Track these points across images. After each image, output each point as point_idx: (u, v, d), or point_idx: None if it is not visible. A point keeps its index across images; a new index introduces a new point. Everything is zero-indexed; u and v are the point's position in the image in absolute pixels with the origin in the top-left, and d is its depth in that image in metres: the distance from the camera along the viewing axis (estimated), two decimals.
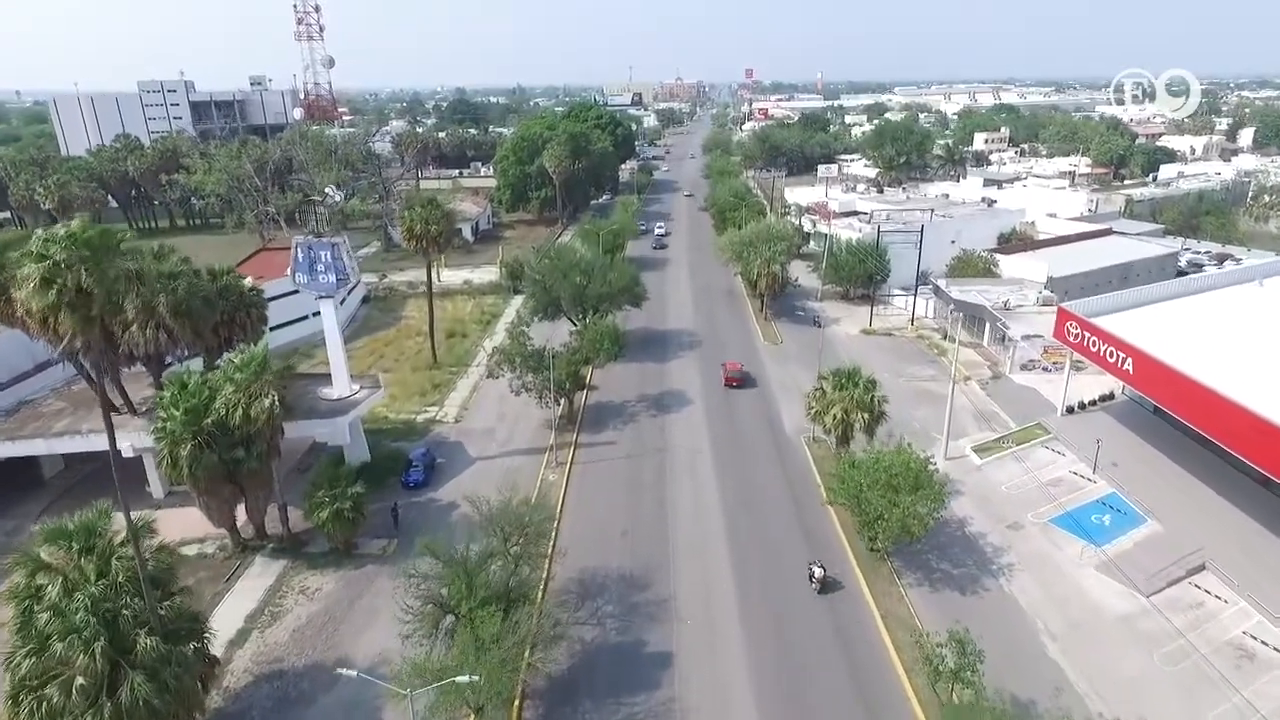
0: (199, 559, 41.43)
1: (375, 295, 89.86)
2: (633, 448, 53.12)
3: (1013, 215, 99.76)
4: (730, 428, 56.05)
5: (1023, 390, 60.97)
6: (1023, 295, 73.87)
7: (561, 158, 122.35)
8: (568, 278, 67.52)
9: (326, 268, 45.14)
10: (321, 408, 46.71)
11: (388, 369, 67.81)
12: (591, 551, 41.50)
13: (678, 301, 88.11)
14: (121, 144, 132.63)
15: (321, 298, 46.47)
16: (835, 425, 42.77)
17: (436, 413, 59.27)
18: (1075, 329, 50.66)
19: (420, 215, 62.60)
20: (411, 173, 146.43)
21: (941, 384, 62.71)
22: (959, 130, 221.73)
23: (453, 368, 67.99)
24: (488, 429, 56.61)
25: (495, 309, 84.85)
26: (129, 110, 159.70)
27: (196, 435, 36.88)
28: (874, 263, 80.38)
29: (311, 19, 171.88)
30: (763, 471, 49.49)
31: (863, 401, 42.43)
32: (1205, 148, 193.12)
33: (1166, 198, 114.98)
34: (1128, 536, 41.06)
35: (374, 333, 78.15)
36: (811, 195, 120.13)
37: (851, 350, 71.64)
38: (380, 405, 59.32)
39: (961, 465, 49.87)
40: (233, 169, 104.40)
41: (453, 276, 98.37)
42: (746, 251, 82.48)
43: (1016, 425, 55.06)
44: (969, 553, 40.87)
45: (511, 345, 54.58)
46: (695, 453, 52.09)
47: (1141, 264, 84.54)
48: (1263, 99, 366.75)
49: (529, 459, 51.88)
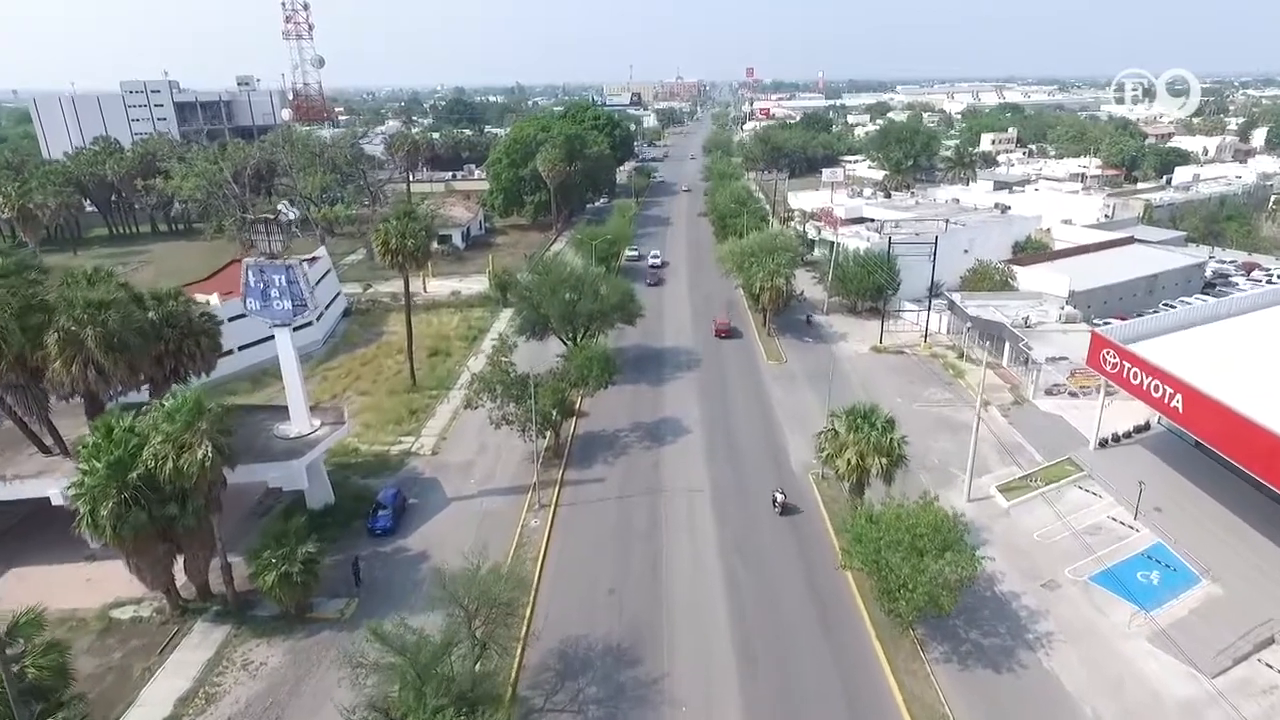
0: (133, 624, 36.74)
1: (357, 308, 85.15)
2: (624, 486, 48.37)
3: (1028, 222, 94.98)
4: (731, 463, 51.27)
5: (1048, 418, 56.20)
6: (1043, 311, 69.13)
7: (556, 161, 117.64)
8: (556, 294, 62.83)
9: (281, 293, 40.41)
10: (276, 448, 41.97)
11: (364, 392, 63.28)
12: (575, 614, 36.81)
13: (675, 315, 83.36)
14: (100, 147, 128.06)
15: (276, 326, 41.63)
16: (849, 472, 38.00)
17: (412, 444, 54.53)
18: (1112, 358, 45.88)
19: (396, 228, 57.88)
20: (401, 175, 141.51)
21: (959, 410, 58.22)
22: (965, 131, 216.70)
23: (433, 390, 63.25)
24: (467, 463, 51.87)
25: (482, 323, 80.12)
26: (111, 111, 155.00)
27: (121, 490, 32.19)
28: (884, 275, 75.62)
29: (300, 17, 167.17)
30: (767, 518, 44.68)
31: (881, 445, 37.67)
32: (1218, 149, 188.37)
33: (1187, 203, 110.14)
34: (1181, 600, 36.34)
35: (353, 350, 73.43)
36: (815, 200, 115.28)
37: (860, 370, 66.99)
38: (351, 436, 54.76)
39: (987, 509, 45.13)
40: (210, 174, 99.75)
41: (440, 287, 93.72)
42: (748, 262, 77.75)
43: (1044, 459, 50.34)
44: (1001, 618, 36.14)
45: (491, 372, 49.84)
46: (693, 494, 47.31)
47: (1168, 275, 79.85)
48: (1270, 98, 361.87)
49: (510, 500, 47.14)
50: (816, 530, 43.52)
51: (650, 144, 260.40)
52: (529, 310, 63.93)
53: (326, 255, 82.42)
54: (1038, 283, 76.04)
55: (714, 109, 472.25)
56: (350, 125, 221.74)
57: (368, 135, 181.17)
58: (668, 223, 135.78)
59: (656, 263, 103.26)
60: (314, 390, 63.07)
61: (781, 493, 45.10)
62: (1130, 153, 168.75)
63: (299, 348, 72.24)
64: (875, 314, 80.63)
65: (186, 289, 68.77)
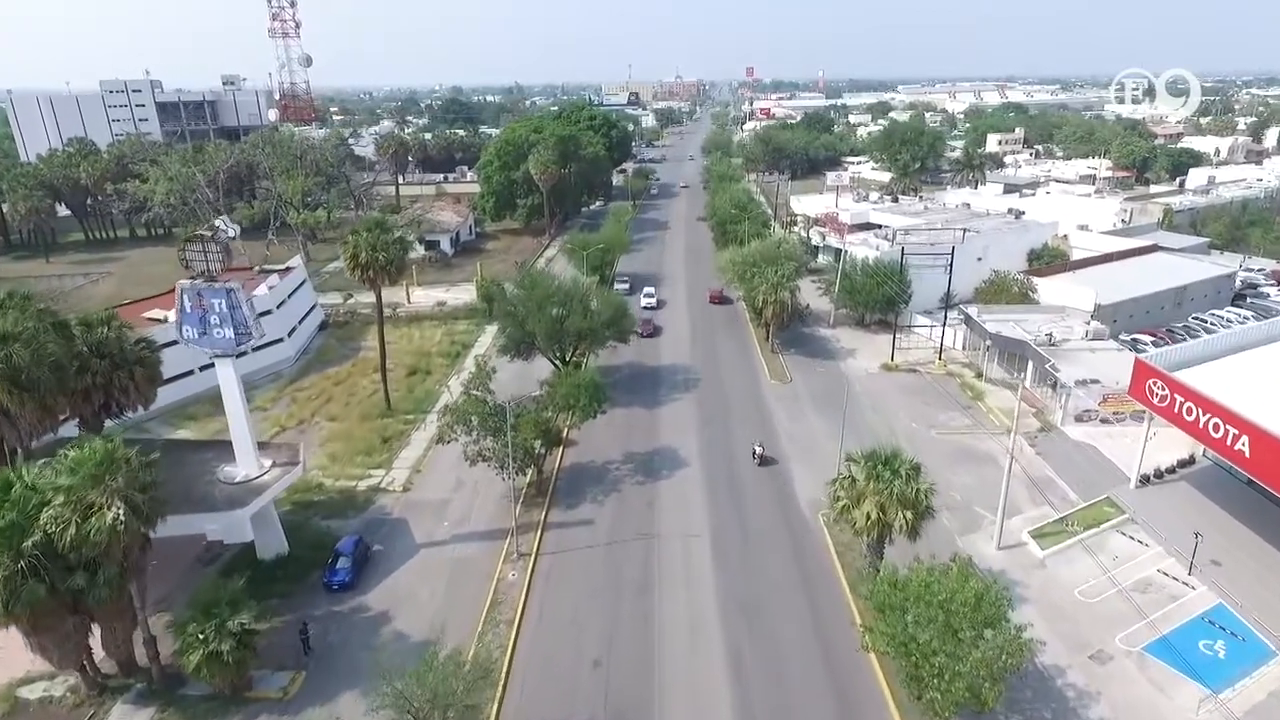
0: (42, 705, 31.85)
1: (336, 321, 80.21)
2: (614, 530, 43.47)
3: (1043, 229, 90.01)
4: (732, 501, 46.37)
5: (1080, 448, 51.32)
6: (1067, 327, 64.27)
7: (548, 163, 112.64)
8: (543, 309, 57.95)
9: (222, 320, 35.48)
10: (217, 495, 37.05)
11: (334, 416, 58.32)
12: (553, 693, 31.94)
13: (673, 329, 78.40)
14: (75, 148, 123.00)
15: (217, 357, 36.71)
16: (869, 527, 33.07)
17: (382, 478, 49.59)
18: (1161, 389, 41.01)
19: (367, 240, 52.97)
20: (391, 177, 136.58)
21: (981, 438, 53.43)
22: (971, 132, 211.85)
23: (409, 415, 58.36)
24: (441, 501, 46.95)
25: (467, 337, 75.15)
26: (91, 111, 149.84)
27: (17, 560, 27.29)
28: (895, 286, 70.69)
29: (286, 14, 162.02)
30: (774, 570, 39.81)
31: (905, 496, 32.76)
32: (1230, 149, 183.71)
33: (1208, 207, 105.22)
34: (1253, 677, 31.48)
35: (327, 367, 68.41)
36: (820, 204, 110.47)
37: (871, 391, 62.10)
38: (316, 469, 49.94)
39: (1020, 558, 40.28)
40: (184, 177, 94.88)
41: (424, 298, 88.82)
42: (749, 273, 72.84)
43: (1079, 498, 45.50)
44: (1046, 699, 31.27)
45: (466, 401, 44.90)
46: (690, 540, 42.40)
47: (1196, 287, 75.02)
48: (1275, 97, 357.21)
49: (486, 547, 42.23)
50: (830, 585, 38.64)
51: (649, 144, 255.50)
52: (513, 327, 59.06)
53: (301, 265, 77.63)
54: (1059, 295, 71.17)
55: (713, 109, 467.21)
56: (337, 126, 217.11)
57: (359, 135, 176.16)
58: (665, 227, 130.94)
59: (651, 303, 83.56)
60: (280, 415, 58.43)
61: (761, 445, 50.92)
62: (1141, 154, 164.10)
63: (269, 366, 68.61)
64: (884, 327, 75.84)
65: (139, 305, 64.83)
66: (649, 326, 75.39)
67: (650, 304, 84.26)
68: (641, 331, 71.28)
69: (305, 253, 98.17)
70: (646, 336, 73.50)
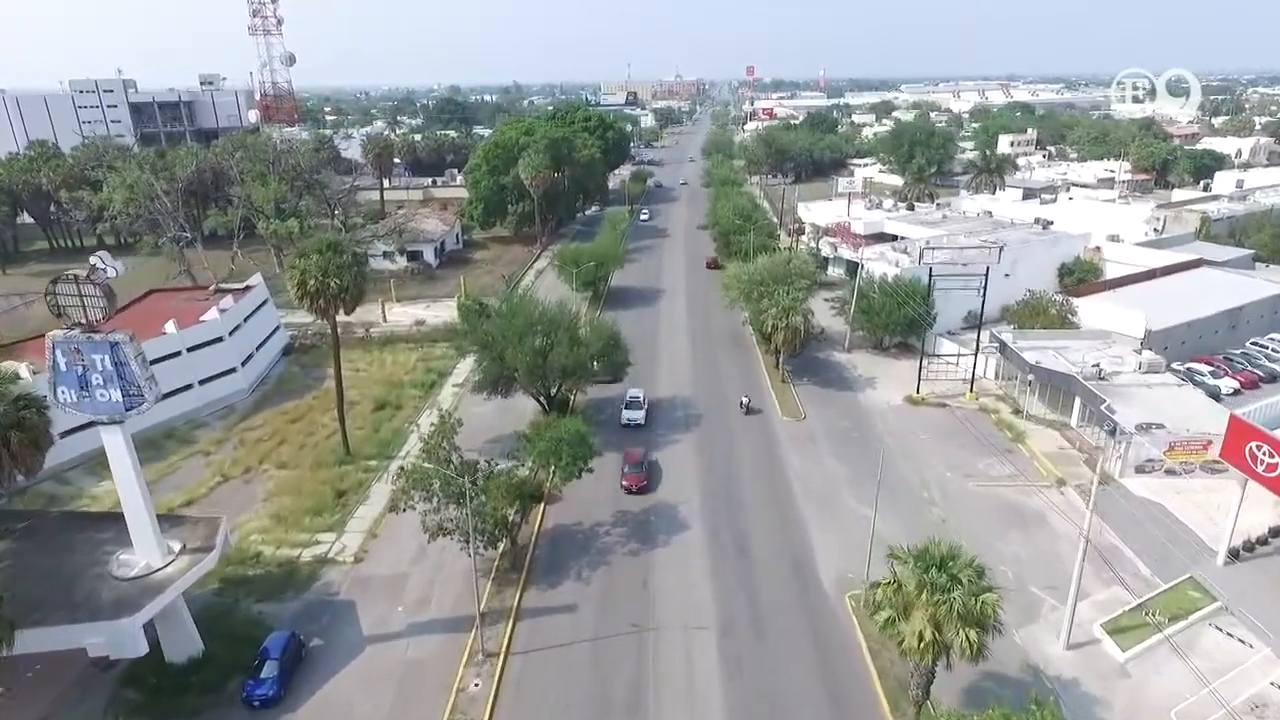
0: None
1: (302, 344, 72.87)
2: (601, 619, 36.23)
3: (1074, 241, 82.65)
4: (743, 580, 39.07)
5: (1146, 508, 44.10)
6: (1117, 357, 57.07)
7: (539, 168, 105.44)
8: (524, 341, 50.76)
9: (106, 379, 28.26)
10: (103, 596, 29.79)
11: (284, 463, 51.04)
12: None
13: (671, 354, 71.12)
14: (36, 152, 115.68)
15: (103, 424, 29.42)
16: (921, 650, 25.85)
17: (332, 545, 42.35)
18: (1270, 456, 33.76)
19: (316, 264, 45.67)
20: (365, 182, 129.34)
21: (1027, 492, 46.29)
22: (981, 132, 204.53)
23: (371, 461, 51.10)
24: (397, 576, 39.75)
25: (445, 364, 67.76)
26: (60, 112, 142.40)
27: None
28: (918, 307, 63.49)
29: (267, 11, 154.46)
30: (797, 680, 32.58)
31: (969, 611, 25.57)
32: (1252, 150, 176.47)
33: (1248, 215, 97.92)
34: None
35: (285, 400, 61.01)
36: (830, 211, 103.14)
37: (895, 430, 54.97)
38: (255, 534, 42.77)
39: (1095, 662, 33.10)
40: (143, 184, 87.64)
41: (402, 316, 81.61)
42: (756, 293, 65.66)
43: (1151, 572, 38.44)
44: None
45: (416, 472, 37.37)
46: (693, 632, 35.21)
47: (1252, 308, 67.78)
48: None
49: (446, 643, 35.03)
50: (864, 700, 31.44)
51: (647, 145, 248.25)
52: (490, 361, 51.86)
53: (262, 284, 70.25)
54: (1102, 318, 63.96)
55: (714, 108, 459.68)
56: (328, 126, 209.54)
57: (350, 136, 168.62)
58: (665, 234, 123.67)
59: (638, 417, 55.76)
60: (224, 461, 51.24)
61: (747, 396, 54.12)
62: (1161, 155, 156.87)
63: (219, 399, 61.15)
64: (905, 350, 68.94)
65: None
66: (638, 478, 47.15)
67: (636, 419, 55.52)
68: (626, 483, 47.01)
69: (279, 264, 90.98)
70: (635, 491, 46.72)
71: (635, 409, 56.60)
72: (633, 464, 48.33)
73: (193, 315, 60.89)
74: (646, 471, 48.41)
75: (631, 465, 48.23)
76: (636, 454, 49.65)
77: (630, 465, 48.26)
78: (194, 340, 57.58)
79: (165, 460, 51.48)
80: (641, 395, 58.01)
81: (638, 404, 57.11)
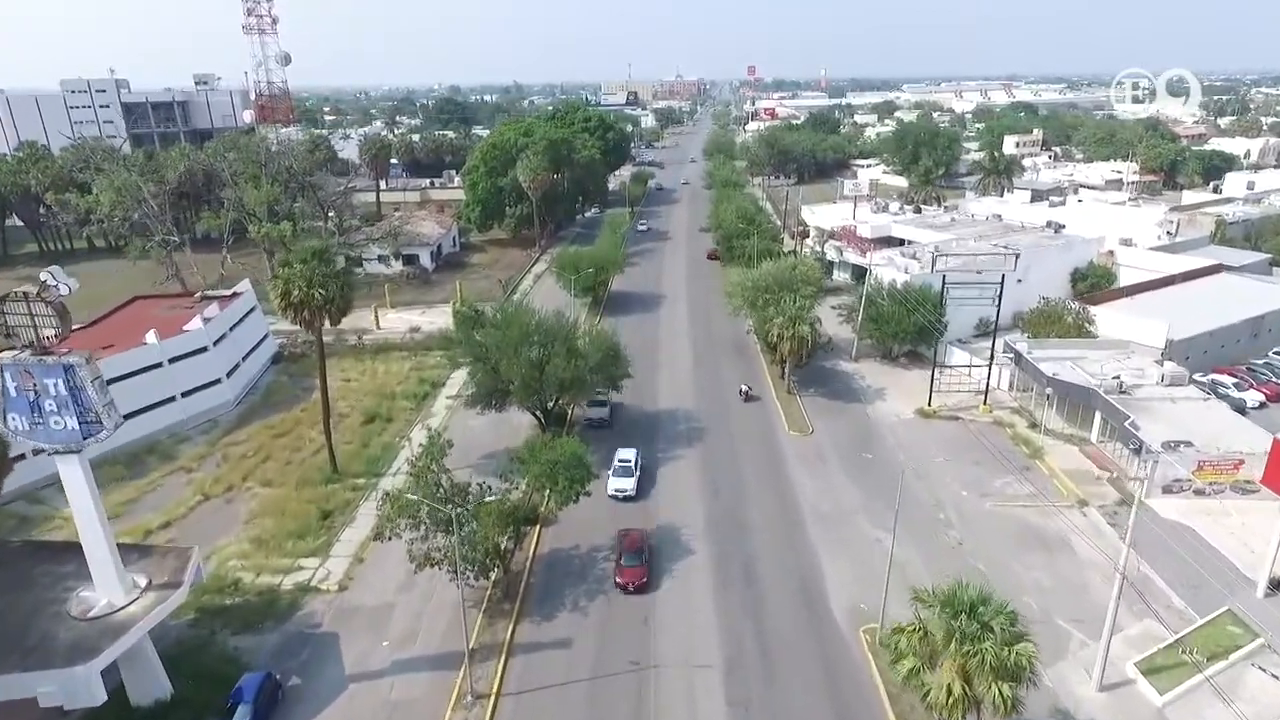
0: None
1: (292, 353, 70.58)
2: (600, 656, 33.92)
3: (1087, 245, 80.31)
4: (751, 611, 36.75)
5: (1175, 531, 41.74)
6: (1137, 369, 54.77)
7: (538, 169, 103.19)
8: (519, 353, 48.49)
9: (60, 405, 26.00)
10: (59, 638, 27.51)
11: (269, 480, 48.81)
12: None
13: (672, 364, 68.81)
14: (25, 153, 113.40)
15: (59, 454, 27.13)
16: (949, 706, 23.55)
17: (315, 571, 40.09)
18: None
19: (301, 274, 43.41)
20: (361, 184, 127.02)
21: (1048, 513, 43.99)
22: (985, 133, 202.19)
23: (359, 479, 48.81)
24: (384, 607, 37.47)
25: (438, 374, 65.43)
26: (52, 112, 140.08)
27: None
28: (929, 315, 61.17)
29: (262, 9, 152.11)
30: None
31: (1002, 663, 23.30)
32: (1261, 151, 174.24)
33: (1264, 218, 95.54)
34: None
35: (273, 413, 58.72)
36: (835, 214, 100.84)
37: (907, 445, 52.76)
38: (235, 560, 40.54)
39: (1130, 705, 30.83)
40: (131, 187, 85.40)
41: (396, 322, 79.44)
42: (761, 300, 63.38)
43: (1185, 604, 36.13)
44: None
45: (400, 499, 35.01)
46: (697, 671, 32.90)
47: (1275, 316, 65.46)
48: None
49: (434, 680, 32.75)
50: None
51: (648, 145, 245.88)
52: (484, 375, 49.61)
53: (250, 290, 68.03)
54: (1119, 327, 61.67)
55: (715, 108, 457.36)
56: (327, 127, 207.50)
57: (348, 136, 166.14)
58: (666, 236, 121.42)
59: (628, 487, 45.53)
60: (205, 479, 48.97)
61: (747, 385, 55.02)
62: (1170, 156, 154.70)
63: (203, 412, 58.76)
64: (915, 360, 66.71)
65: None
66: (636, 573, 37.71)
67: (626, 490, 45.24)
68: (622, 579, 37.59)
69: (271, 269, 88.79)
70: (634, 591, 37.34)
71: (625, 476, 45.68)
72: (630, 553, 38.56)
73: (176, 324, 58.61)
74: (648, 563, 38.30)
75: (628, 555, 38.45)
76: (635, 539, 39.48)
77: (627, 555, 38.46)
78: (176, 351, 55.30)
79: (146, 478, 49.29)
80: (634, 458, 47.50)
81: (628, 470, 46.18)
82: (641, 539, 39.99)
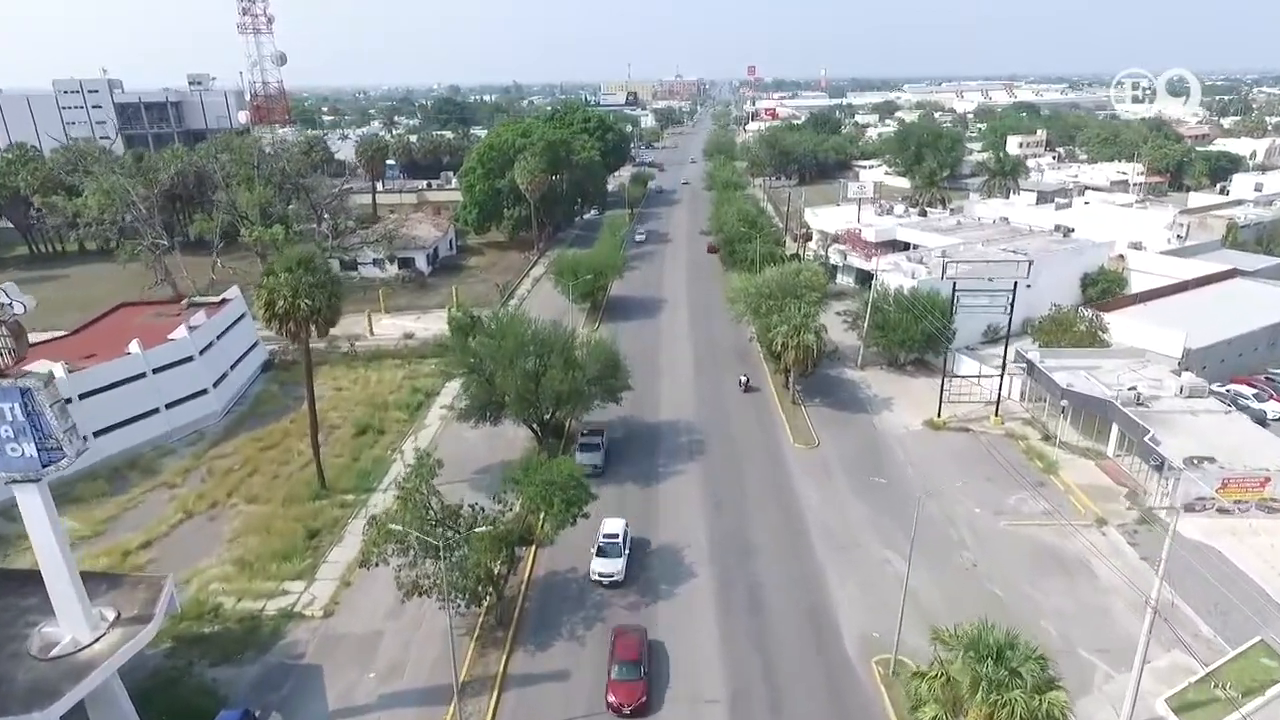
0: None
1: (282, 360, 68.68)
2: (597, 690, 31.91)
3: (1098, 250, 78.55)
4: (757, 641, 34.92)
5: (1200, 553, 39.88)
6: (1155, 380, 52.97)
7: (536, 171, 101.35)
8: (515, 364, 46.68)
9: (17, 431, 24.18)
10: (17, 681, 25.67)
11: (255, 496, 46.98)
12: None
13: (673, 371, 66.98)
14: (14, 154, 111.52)
15: (15, 482, 25.31)
16: None
17: (299, 596, 38.27)
18: None
19: (287, 283, 41.57)
20: (357, 185, 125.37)
21: (1066, 533, 42.15)
22: (989, 133, 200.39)
23: (348, 495, 46.99)
24: (371, 635, 35.63)
25: (432, 383, 63.53)
26: (43, 113, 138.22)
27: None
28: (938, 322, 59.33)
29: (257, 8, 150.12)
30: None
31: (1032, 714, 21.49)
32: (1268, 151, 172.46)
33: (1277, 221, 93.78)
34: None
35: (261, 424, 56.89)
36: (839, 217, 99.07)
37: (916, 459, 50.98)
38: (216, 584, 38.73)
39: None
40: (119, 189, 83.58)
41: (391, 328, 77.50)
42: (764, 307, 61.60)
43: (1215, 634, 34.32)
44: None
45: (397, 514, 33.25)
46: (702, 707, 31.06)
47: None
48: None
49: (424, 717, 30.94)
50: None
51: (648, 146, 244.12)
52: (478, 386, 47.80)
53: (240, 296, 66.17)
54: (1134, 335, 59.91)
55: (715, 108, 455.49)
56: (325, 127, 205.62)
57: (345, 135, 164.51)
58: (666, 239, 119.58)
59: (615, 571, 38.10)
60: (189, 495, 47.14)
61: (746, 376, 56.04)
62: (1176, 157, 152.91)
63: (189, 424, 56.85)
64: (922, 367, 65.06)
65: None
66: (633, 691, 30.27)
67: (613, 574, 37.83)
68: (615, 698, 30.19)
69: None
70: (630, 714, 30.07)
71: (612, 557, 37.84)
72: (625, 662, 30.82)
73: (161, 332, 56.88)
74: (647, 678, 30.77)
75: (623, 666, 30.75)
76: (631, 644, 31.83)
77: (620, 665, 30.78)
78: (160, 361, 53.43)
79: (127, 494, 47.51)
80: (621, 532, 39.26)
81: (615, 548, 38.20)
82: (640, 644, 32.12)
